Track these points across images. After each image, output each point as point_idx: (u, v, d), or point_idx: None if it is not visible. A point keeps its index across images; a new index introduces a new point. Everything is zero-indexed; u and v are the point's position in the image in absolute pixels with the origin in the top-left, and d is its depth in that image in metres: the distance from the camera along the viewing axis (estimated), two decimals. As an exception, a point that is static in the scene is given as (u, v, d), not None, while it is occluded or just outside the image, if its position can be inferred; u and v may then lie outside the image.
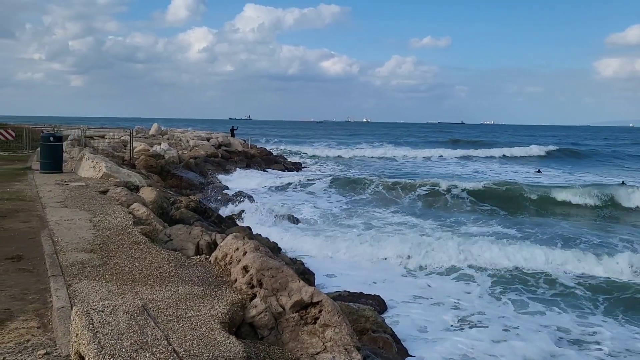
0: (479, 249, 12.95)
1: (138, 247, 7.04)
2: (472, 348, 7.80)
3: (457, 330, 8.59)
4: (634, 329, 9.09)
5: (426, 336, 8.34)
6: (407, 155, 53.82)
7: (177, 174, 21.81)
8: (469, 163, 47.50)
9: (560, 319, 9.42)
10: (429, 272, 12.11)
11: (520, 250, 13.07)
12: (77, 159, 17.08)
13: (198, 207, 13.00)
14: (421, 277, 11.78)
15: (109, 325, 3.47)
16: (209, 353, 3.94)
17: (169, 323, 4.47)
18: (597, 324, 9.25)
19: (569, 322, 9.26)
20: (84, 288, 5.36)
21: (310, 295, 4.97)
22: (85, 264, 6.23)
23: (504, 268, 12.16)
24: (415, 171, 37.68)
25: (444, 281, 11.52)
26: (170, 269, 6.10)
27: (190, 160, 27.22)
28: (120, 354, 3.17)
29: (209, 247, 7.40)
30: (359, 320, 7.32)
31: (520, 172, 39.18)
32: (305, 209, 19.52)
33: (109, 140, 28.56)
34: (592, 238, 15.92)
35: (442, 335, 8.38)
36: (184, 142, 35.33)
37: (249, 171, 30.60)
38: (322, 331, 4.65)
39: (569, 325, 9.13)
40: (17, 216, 9.17)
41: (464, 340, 8.06)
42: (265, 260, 5.59)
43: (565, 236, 16.09)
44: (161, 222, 9.41)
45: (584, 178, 34.57)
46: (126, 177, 14.45)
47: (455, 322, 8.89)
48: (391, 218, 18.66)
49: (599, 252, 13.24)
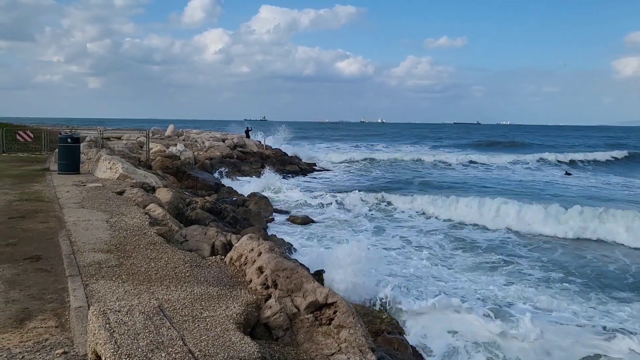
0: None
1: (154, 248, 7.10)
2: None
3: None
4: None
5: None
6: (474, 161, 47.03)
7: (192, 175, 21.94)
8: (552, 169, 42.35)
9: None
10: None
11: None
12: (94, 160, 17.25)
13: (213, 207, 13.06)
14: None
15: (126, 325, 3.50)
16: (224, 353, 3.96)
17: (185, 323, 4.50)
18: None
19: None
20: (101, 288, 5.42)
21: (325, 296, 4.97)
22: (102, 264, 6.30)
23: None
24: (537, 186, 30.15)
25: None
26: (186, 270, 6.14)
27: (205, 161, 27.38)
28: (137, 353, 3.19)
29: (224, 248, 7.43)
30: (373, 321, 7.31)
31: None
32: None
33: (126, 141, 28.82)
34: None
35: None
36: (200, 143, 35.54)
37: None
38: (336, 332, 4.64)
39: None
40: (36, 217, 9.29)
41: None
42: (280, 261, 5.60)
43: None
44: (177, 222, 9.47)
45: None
46: (142, 178, 14.56)
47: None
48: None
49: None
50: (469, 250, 14.50)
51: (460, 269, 12.56)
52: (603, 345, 8.44)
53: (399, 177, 34.50)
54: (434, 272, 12.07)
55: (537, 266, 13.05)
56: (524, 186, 30.21)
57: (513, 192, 26.72)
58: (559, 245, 15.75)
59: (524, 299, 10.48)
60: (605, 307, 10.28)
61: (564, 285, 11.58)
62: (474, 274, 12.15)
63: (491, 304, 9.97)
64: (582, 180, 34.51)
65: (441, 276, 11.79)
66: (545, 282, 11.71)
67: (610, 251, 15.13)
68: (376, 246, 14.30)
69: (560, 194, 26.43)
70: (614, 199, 25.34)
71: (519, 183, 32.00)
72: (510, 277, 12.05)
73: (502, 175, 36.85)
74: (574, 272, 12.66)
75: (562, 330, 8.88)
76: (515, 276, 12.12)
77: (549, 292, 11.01)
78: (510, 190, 27.86)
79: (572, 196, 25.72)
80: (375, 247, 14.16)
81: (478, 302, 10.01)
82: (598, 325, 9.25)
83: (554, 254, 14.65)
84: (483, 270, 12.49)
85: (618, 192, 28.32)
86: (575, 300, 10.56)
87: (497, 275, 12.08)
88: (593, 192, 27.88)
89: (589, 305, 10.31)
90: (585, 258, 14.22)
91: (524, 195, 24.65)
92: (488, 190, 27.36)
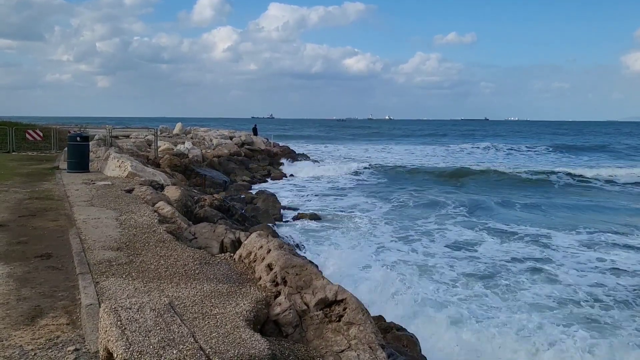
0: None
1: (164, 245, 7.12)
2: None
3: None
4: None
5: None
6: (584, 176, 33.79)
7: (200, 173, 22.01)
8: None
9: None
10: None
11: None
12: (103, 158, 17.34)
13: (222, 205, 13.09)
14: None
15: (137, 323, 3.52)
16: (234, 350, 3.96)
17: (195, 320, 4.51)
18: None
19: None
20: (112, 285, 5.44)
21: (335, 292, 4.97)
22: (112, 261, 6.33)
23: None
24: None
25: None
26: (196, 267, 6.16)
27: (213, 159, 27.45)
28: (148, 350, 3.21)
29: (233, 245, 7.45)
30: (382, 317, 7.30)
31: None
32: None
33: (134, 139, 28.94)
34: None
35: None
36: (207, 141, 35.64)
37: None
38: (346, 329, 4.64)
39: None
40: (46, 215, 9.35)
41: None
42: (290, 258, 5.60)
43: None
44: (186, 220, 9.50)
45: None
46: (151, 176, 14.61)
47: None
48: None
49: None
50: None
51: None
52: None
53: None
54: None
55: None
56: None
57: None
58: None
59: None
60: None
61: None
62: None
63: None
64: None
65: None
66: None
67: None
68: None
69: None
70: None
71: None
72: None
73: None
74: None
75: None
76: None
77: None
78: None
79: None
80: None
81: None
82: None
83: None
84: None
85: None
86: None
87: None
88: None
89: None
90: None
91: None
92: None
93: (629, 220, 19.69)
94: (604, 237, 16.25)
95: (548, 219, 19.75)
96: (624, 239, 16.12)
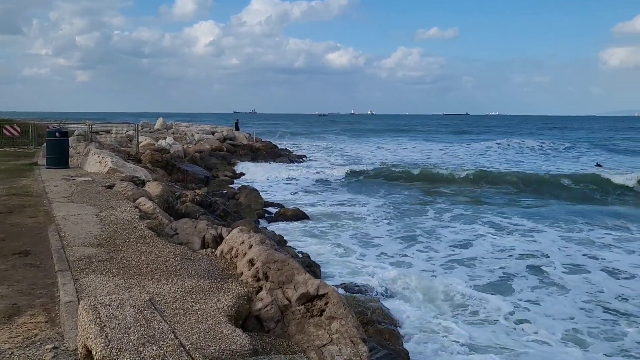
0: None
1: (144, 241, 7.07)
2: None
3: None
4: None
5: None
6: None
7: (182, 168, 21.86)
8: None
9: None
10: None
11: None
12: (83, 154, 17.14)
13: (204, 201, 13.02)
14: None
15: (116, 319, 3.49)
16: (215, 346, 3.96)
17: (176, 316, 4.49)
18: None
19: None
20: (91, 282, 5.39)
21: (316, 287, 4.98)
22: (92, 258, 6.27)
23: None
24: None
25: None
26: (177, 263, 6.12)
27: (195, 155, 27.28)
28: (128, 347, 3.18)
29: (215, 241, 7.42)
30: (364, 312, 7.35)
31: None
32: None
33: (115, 135, 28.65)
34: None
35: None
36: (189, 136, 35.39)
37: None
38: (328, 323, 4.65)
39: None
40: (24, 211, 9.21)
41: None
42: (271, 253, 5.60)
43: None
44: (167, 216, 9.45)
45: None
46: (132, 171, 14.48)
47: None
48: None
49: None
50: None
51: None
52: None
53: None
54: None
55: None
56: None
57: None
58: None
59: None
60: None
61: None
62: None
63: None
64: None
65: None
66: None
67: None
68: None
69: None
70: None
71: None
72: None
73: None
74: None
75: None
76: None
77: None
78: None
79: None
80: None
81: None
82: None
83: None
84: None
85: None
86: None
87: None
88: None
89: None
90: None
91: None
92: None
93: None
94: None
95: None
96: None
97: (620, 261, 12.61)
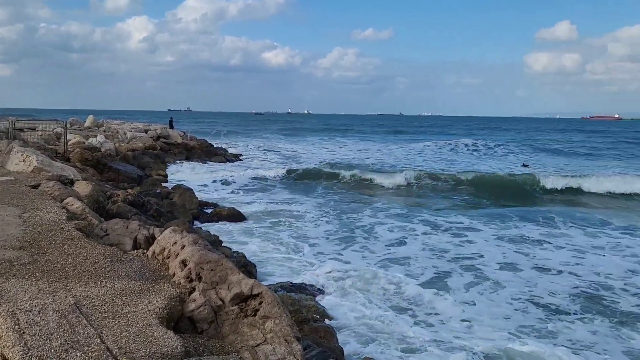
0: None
1: (72, 243, 6.79)
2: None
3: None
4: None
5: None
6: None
7: (114, 167, 21.16)
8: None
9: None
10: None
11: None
12: (5, 152, 16.26)
13: (136, 200, 12.66)
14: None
15: (37, 326, 3.34)
16: (145, 349, 3.85)
17: (104, 320, 4.33)
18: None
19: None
20: (12, 287, 5.11)
21: (250, 287, 4.94)
22: (13, 262, 5.94)
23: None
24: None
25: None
26: (106, 265, 5.92)
27: (127, 153, 26.48)
28: (49, 355, 3.05)
29: (147, 242, 7.22)
30: (300, 310, 7.37)
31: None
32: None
33: (41, 132, 27.33)
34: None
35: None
36: (121, 135, 34.30)
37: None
38: (262, 323, 4.63)
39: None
40: (-61, 213, 8.63)
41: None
42: (204, 254, 5.51)
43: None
44: (97, 216, 9.12)
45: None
46: (59, 170, 13.88)
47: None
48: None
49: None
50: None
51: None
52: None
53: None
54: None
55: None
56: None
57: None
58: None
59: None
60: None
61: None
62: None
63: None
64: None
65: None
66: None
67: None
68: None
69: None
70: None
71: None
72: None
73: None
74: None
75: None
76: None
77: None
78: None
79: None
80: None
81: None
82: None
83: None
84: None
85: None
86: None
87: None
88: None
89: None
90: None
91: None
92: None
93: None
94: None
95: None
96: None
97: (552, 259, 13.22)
